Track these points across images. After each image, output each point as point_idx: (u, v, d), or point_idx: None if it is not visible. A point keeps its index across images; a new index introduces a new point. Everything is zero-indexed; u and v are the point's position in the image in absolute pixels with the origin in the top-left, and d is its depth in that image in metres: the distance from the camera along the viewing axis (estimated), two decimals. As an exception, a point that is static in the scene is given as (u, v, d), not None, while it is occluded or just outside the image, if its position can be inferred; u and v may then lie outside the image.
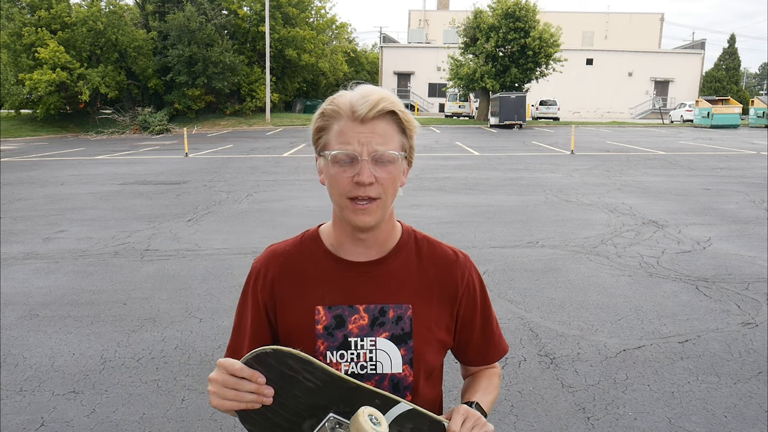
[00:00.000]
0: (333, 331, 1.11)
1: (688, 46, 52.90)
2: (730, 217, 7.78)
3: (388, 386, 1.13)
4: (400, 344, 1.13)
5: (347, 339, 1.11)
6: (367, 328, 1.12)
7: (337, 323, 1.11)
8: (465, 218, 7.75)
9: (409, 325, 1.13)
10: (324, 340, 1.11)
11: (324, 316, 1.11)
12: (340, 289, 1.12)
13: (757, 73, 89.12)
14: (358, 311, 1.12)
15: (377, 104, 1.03)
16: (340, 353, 1.11)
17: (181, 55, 31.32)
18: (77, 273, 5.43)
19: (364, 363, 1.12)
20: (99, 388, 3.24)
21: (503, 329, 4.01)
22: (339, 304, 1.12)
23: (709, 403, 3.03)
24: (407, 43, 52.23)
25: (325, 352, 1.11)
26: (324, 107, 1.08)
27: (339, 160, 1.04)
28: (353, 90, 1.08)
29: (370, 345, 1.12)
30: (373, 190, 1.04)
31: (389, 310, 1.13)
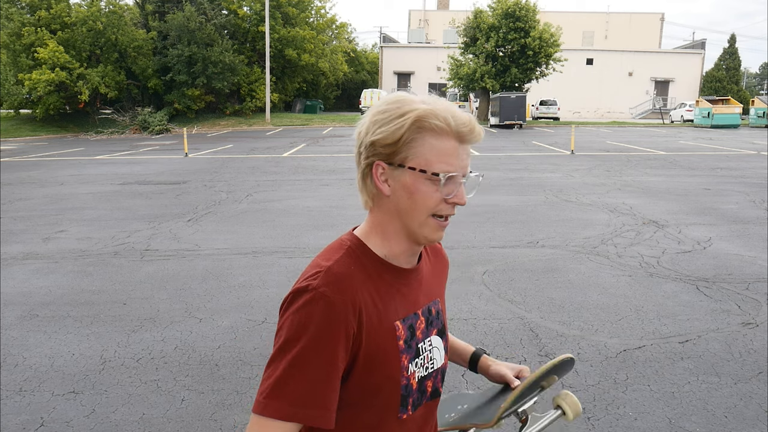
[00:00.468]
0: (410, 343, 1.11)
1: (688, 46, 52.89)
2: (731, 217, 7.78)
3: (440, 378, 1.19)
4: (442, 337, 1.20)
5: (417, 346, 1.12)
6: (425, 330, 1.15)
7: (411, 334, 1.11)
8: (465, 218, 7.75)
9: (443, 317, 1.22)
10: (406, 353, 1.09)
11: (402, 330, 1.09)
12: (404, 299, 1.12)
13: (757, 73, 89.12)
14: (419, 317, 1.14)
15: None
16: (416, 362, 1.11)
17: (180, 55, 31.32)
18: (77, 273, 5.43)
19: (427, 364, 1.14)
20: (99, 388, 3.24)
21: (503, 329, 4.03)
22: (408, 315, 1.11)
23: (709, 403, 3.03)
24: (407, 43, 52.22)
25: (408, 365, 1.09)
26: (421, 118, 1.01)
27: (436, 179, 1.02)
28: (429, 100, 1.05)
29: (428, 346, 1.15)
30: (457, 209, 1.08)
31: (432, 308, 1.18)
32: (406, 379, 1.09)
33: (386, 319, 1.06)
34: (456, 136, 1.02)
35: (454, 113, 1.03)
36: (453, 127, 1.01)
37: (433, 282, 1.21)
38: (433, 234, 1.07)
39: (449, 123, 1.01)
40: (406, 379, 1.09)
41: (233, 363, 3.53)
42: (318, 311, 0.98)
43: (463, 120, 1.02)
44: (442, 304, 1.23)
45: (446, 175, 1.02)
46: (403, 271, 1.12)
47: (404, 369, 1.08)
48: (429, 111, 1.02)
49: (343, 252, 1.07)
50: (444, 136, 1.02)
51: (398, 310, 1.09)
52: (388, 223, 1.08)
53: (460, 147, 1.03)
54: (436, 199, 1.03)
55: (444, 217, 1.07)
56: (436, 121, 1.01)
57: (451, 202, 1.04)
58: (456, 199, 1.04)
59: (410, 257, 1.14)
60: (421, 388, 1.13)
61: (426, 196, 1.03)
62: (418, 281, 1.15)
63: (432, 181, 1.02)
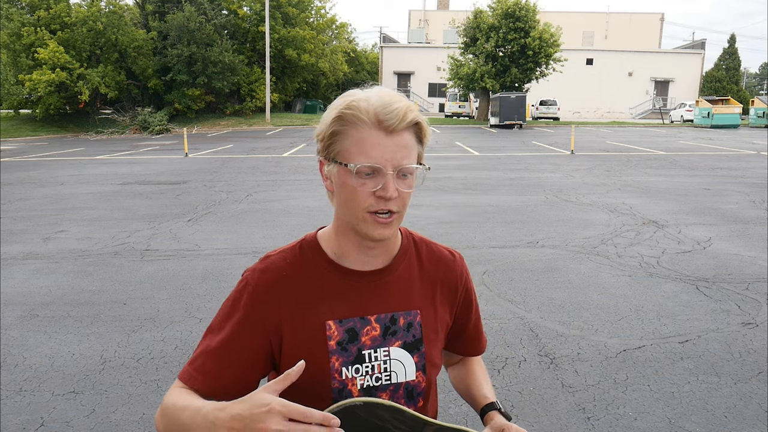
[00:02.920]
0: (347, 346, 1.07)
1: (688, 46, 52.90)
2: (731, 217, 7.78)
3: (403, 394, 1.12)
4: (412, 351, 1.12)
5: (361, 352, 1.08)
6: (379, 338, 1.09)
7: (350, 337, 1.07)
8: (465, 218, 7.75)
9: (419, 331, 1.13)
10: (338, 356, 1.06)
11: (336, 331, 1.06)
12: (349, 301, 1.08)
13: (757, 73, 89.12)
14: (369, 322, 1.09)
15: (406, 116, 0.99)
16: (355, 368, 1.07)
17: (180, 55, 31.32)
18: (77, 273, 5.43)
19: (378, 375, 1.09)
20: (99, 388, 3.24)
21: (503, 329, 4.03)
22: (350, 317, 1.07)
23: (709, 403, 3.03)
24: (407, 43, 52.24)
25: (341, 368, 1.06)
26: (341, 110, 1.01)
27: (362, 172, 0.99)
28: (368, 92, 1.03)
29: (383, 356, 1.09)
30: (394, 204, 1.01)
31: (399, 318, 1.11)
32: (339, 383, 1.05)
33: (316, 316, 1.05)
34: (378, 126, 0.98)
35: (382, 102, 0.99)
36: (374, 117, 0.98)
37: (412, 292, 1.14)
38: (372, 230, 1.02)
39: (369, 113, 0.98)
40: (340, 382, 1.05)
41: (233, 363, 3.53)
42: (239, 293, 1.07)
43: (389, 109, 0.98)
44: (424, 319, 1.14)
45: (356, 166, 0.98)
46: (352, 272, 1.09)
47: (335, 371, 1.05)
48: (353, 103, 1.00)
49: (291, 246, 1.13)
50: (364, 127, 0.99)
51: (335, 310, 1.06)
52: (338, 219, 1.10)
53: (387, 137, 0.98)
54: (364, 193, 1.00)
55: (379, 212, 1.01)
56: (356, 113, 0.99)
57: (378, 196, 0.99)
58: (381, 192, 0.99)
59: (365, 258, 1.09)
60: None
61: (353, 190, 1.00)
62: (377, 285, 1.10)
63: (357, 175, 0.99)
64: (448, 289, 1.20)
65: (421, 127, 1.03)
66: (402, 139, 1.00)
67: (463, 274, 1.24)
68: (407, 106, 1.00)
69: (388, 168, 0.98)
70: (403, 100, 1.01)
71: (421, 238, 1.23)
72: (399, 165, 0.99)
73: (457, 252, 1.26)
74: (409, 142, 1.01)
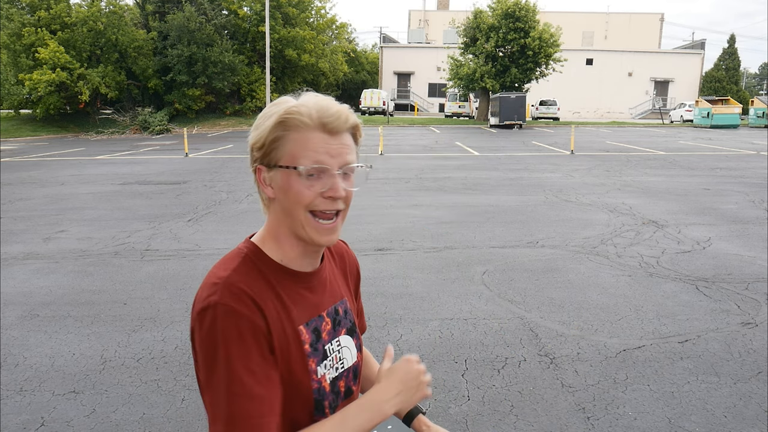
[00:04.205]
0: (316, 346, 1.10)
1: (688, 46, 52.90)
2: (730, 217, 7.78)
3: (352, 377, 1.18)
4: (352, 335, 1.21)
5: (324, 348, 1.12)
6: (332, 331, 1.15)
7: (316, 337, 1.11)
8: (465, 218, 7.75)
9: (352, 315, 1.23)
10: (313, 357, 1.09)
11: (306, 334, 1.09)
12: (307, 303, 1.11)
13: (756, 73, 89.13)
14: (324, 318, 1.13)
15: (348, 118, 1.03)
16: (324, 364, 1.11)
17: (181, 55, 31.31)
18: (77, 273, 5.44)
19: (336, 365, 1.14)
20: (99, 388, 3.24)
21: (503, 329, 4.03)
22: (312, 318, 1.11)
23: (708, 403, 3.04)
24: (407, 43, 52.22)
25: (316, 368, 1.09)
26: (282, 116, 1.01)
27: (309, 174, 1.01)
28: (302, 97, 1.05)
29: (337, 346, 1.15)
30: (340, 203, 1.05)
31: (339, 308, 1.18)
32: (317, 383, 1.08)
33: (290, 324, 1.06)
34: (321, 128, 1.01)
35: (321, 106, 1.02)
36: (316, 120, 1.01)
37: (338, 282, 1.21)
38: (317, 236, 1.04)
39: (312, 116, 1.01)
40: (317, 382, 1.08)
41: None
42: (225, 326, 0.96)
43: (329, 111, 1.01)
44: (350, 303, 1.23)
45: (305, 168, 1.00)
46: (303, 274, 1.11)
47: (313, 372, 1.08)
48: (292, 108, 1.02)
49: (240, 260, 1.06)
50: (307, 129, 1.01)
51: (301, 315, 1.08)
52: (279, 226, 1.09)
53: (330, 138, 1.01)
54: (310, 195, 1.01)
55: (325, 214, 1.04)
56: (298, 116, 1.01)
57: (326, 196, 1.02)
58: (330, 192, 1.01)
59: (309, 260, 1.12)
60: (334, 389, 1.13)
61: (299, 193, 1.01)
62: (321, 283, 1.15)
63: (303, 177, 1.01)
64: (352, 276, 1.30)
65: (358, 129, 1.08)
66: (345, 139, 1.04)
67: (356, 260, 1.34)
68: (346, 108, 1.05)
69: (335, 168, 1.02)
70: (338, 103, 1.05)
71: None
72: (345, 163, 1.03)
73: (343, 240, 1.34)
74: (350, 142, 1.06)
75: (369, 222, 7.50)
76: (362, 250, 6.08)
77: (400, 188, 10.38)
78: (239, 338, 0.96)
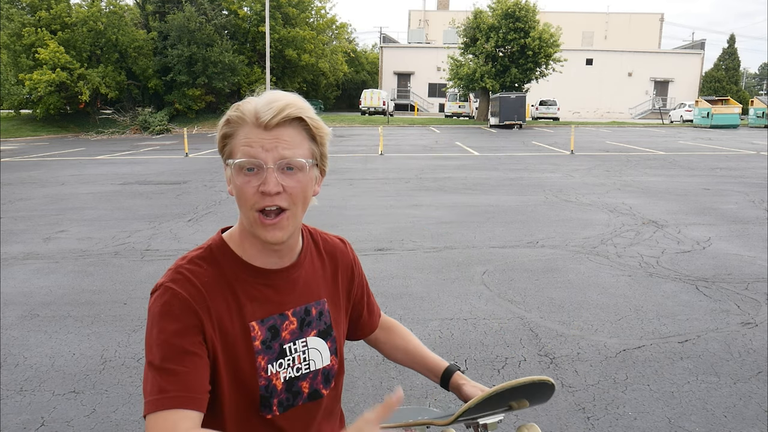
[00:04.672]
0: (270, 344, 1.10)
1: (687, 46, 52.91)
2: (730, 217, 7.78)
3: (321, 379, 1.18)
4: (326, 338, 1.18)
5: (282, 347, 1.11)
6: (297, 331, 1.14)
7: (273, 335, 1.10)
8: (465, 218, 7.76)
9: (329, 318, 1.20)
10: (264, 354, 1.09)
11: (259, 331, 1.08)
12: (267, 300, 1.10)
13: (756, 73, 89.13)
14: (287, 317, 1.12)
15: (282, 110, 1.00)
16: (279, 362, 1.11)
17: (181, 55, 31.32)
18: (77, 273, 5.44)
19: (299, 365, 1.14)
20: (99, 388, 3.25)
21: (503, 329, 4.03)
22: (270, 315, 1.10)
23: (708, 403, 3.04)
24: (407, 43, 52.23)
25: (266, 366, 1.09)
26: (229, 114, 1.04)
27: (243, 168, 1.00)
28: (260, 95, 1.05)
29: (302, 346, 1.14)
30: (281, 199, 1.01)
31: (312, 309, 1.17)
32: (265, 380, 1.08)
33: (239, 318, 1.07)
34: (256, 122, 1.00)
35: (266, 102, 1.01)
36: (253, 116, 1.00)
37: (318, 283, 1.19)
38: (263, 233, 1.03)
39: (250, 113, 1.01)
40: (266, 379, 1.08)
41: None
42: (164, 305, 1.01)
43: (268, 106, 1.00)
44: (331, 306, 1.20)
45: (234, 162, 1.01)
46: (265, 271, 1.11)
47: (261, 369, 1.08)
48: (239, 106, 1.03)
49: (201, 250, 1.11)
50: (245, 126, 1.01)
51: (256, 311, 1.08)
52: (240, 222, 1.10)
53: (265, 133, 1.00)
54: (249, 191, 1.01)
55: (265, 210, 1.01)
56: (240, 114, 1.02)
57: (260, 191, 1.00)
58: (262, 186, 1.00)
59: (271, 257, 1.11)
60: (291, 389, 1.12)
61: (241, 189, 1.01)
62: (289, 282, 1.13)
63: (241, 172, 1.01)
64: (345, 276, 1.26)
65: (309, 124, 1.03)
66: (283, 133, 1.01)
67: (355, 260, 1.30)
68: (288, 102, 1.01)
69: (268, 162, 0.99)
70: (288, 98, 1.03)
71: (315, 230, 1.26)
72: (280, 157, 1.00)
73: (345, 239, 1.32)
74: (294, 137, 1.02)
75: (369, 222, 7.50)
76: (362, 250, 6.08)
77: (400, 188, 10.38)
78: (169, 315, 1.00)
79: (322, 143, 1.07)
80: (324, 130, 1.07)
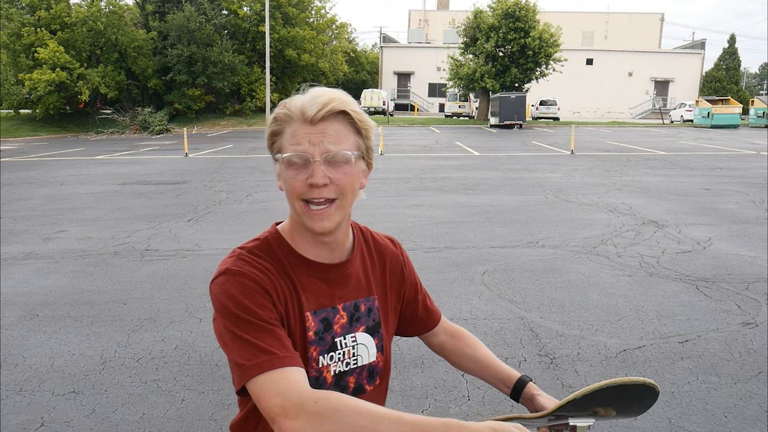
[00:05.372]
0: (323, 335, 1.12)
1: (688, 46, 52.91)
2: (730, 217, 7.78)
3: (366, 375, 1.19)
4: (374, 334, 1.20)
5: (334, 340, 1.14)
6: (347, 325, 1.16)
7: (325, 327, 1.13)
8: (465, 218, 7.75)
9: (378, 315, 1.22)
10: (316, 345, 1.11)
11: (312, 322, 1.11)
12: (320, 292, 1.13)
13: (757, 73, 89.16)
14: (338, 311, 1.15)
15: (327, 104, 1.03)
16: (330, 355, 1.13)
17: (180, 55, 31.31)
18: (77, 273, 5.43)
19: (348, 360, 1.16)
20: (99, 388, 3.24)
21: (503, 329, 4.03)
22: (323, 308, 1.13)
23: (709, 403, 3.03)
24: (407, 43, 52.22)
25: (318, 357, 1.11)
26: (277, 112, 1.08)
27: (292, 162, 1.05)
28: (305, 92, 1.08)
29: (351, 341, 1.16)
30: (329, 191, 1.05)
31: (361, 305, 1.19)
32: (316, 371, 1.10)
33: (297, 308, 1.10)
34: (303, 118, 1.04)
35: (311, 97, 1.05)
36: (299, 112, 1.04)
37: (368, 280, 1.21)
38: (310, 222, 1.07)
39: (296, 109, 1.05)
40: (317, 371, 1.11)
41: (233, 363, 3.53)
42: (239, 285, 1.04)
43: (313, 101, 1.04)
44: (380, 303, 1.23)
45: (283, 156, 1.05)
46: (318, 264, 1.14)
47: (313, 360, 1.10)
48: (286, 104, 1.08)
49: (258, 242, 1.14)
50: (293, 122, 1.06)
51: (310, 302, 1.11)
52: (290, 216, 1.14)
53: (311, 127, 1.04)
54: (297, 184, 1.05)
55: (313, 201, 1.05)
56: (287, 111, 1.06)
57: (308, 183, 1.04)
58: (309, 179, 1.04)
59: (322, 251, 1.14)
60: (339, 382, 1.14)
61: (289, 182, 1.06)
62: (342, 277, 1.16)
63: (290, 167, 1.05)
64: (395, 275, 1.28)
65: (353, 117, 1.06)
66: (329, 127, 1.04)
67: (405, 260, 1.32)
68: (332, 97, 1.04)
69: (315, 155, 1.03)
70: (332, 93, 1.06)
71: (366, 229, 1.29)
72: (326, 151, 1.03)
73: (395, 239, 1.34)
74: (340, 130, 1.05)
75: (369, 222, 7.48)
76: (362, 250, 6.07)
77: (400, 188, 10.38)
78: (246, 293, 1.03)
79: (367, 136, 1.10)
80: (368, 123, 1.10)
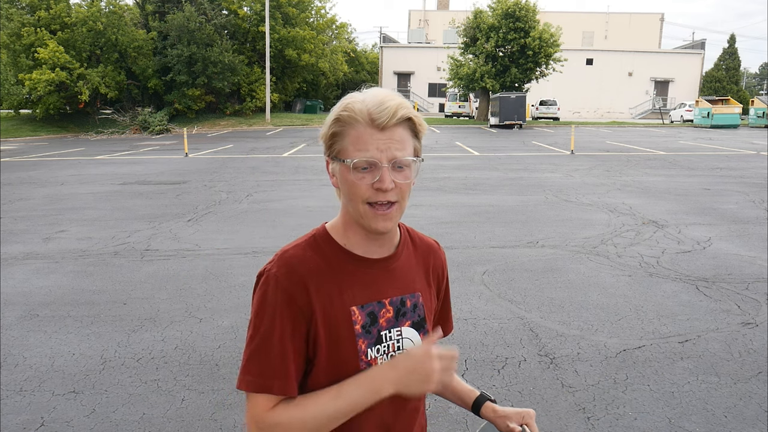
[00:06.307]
0: (369, 329, 1.16)
1: (688, 46, 52.89)
2: (730, 217, 7.78)
3: None
4: (419, 329, 1.24)
5: (380, 333, 1.17)
6: (393, 320, 1.19)
7: (371, 320, 1.16)
8: (465, 218, 7.75)
9: (423, 311, 1.25)
10: (364, 338, 1.15)
11: (359, 315, 1.15)
12: (366, 287, 1.17)
13: (757, 73, 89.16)
14: (384, 305, 1.18)
15: (396, 112, 1.06)
16: (377, 348, 1.17)
17: (180, 55, 31.32)
18: (77, 273, 5.43)
19: (393, 353, 1.19)
20: (99, 388, 3.24)
21: (503, 329, 4.03)
22: (369, 302, 1.17)
23: (709, 403, 3.03)
24: (407, 43, 52.21)
25: (366, 350, 1.15)
26: (339, 113, 1.10)
27: (359, 167, 1.07)
28: (365, 93, 1.11)
29: (396, 335, 1.19)
30: (393, 194, 1.09)
31: (407, 300, 1.22)
32: (365, 364, 1.14)
33: (342, 303, 1.14)
34: (371, 123, 1.07)
35: (377, 102, 1.07)
36: (367, 117, 1.06)
37: (413, 276, 1.25)
38: (374, 223, 1.11)
39: (363, 113, 1.07)
40: (366, 363, 1.14)
41: (233, 363, 3.54)
42: (270, 292, 1.10)
43: (381, 108, 1.06)
44: (424, 299, 1.26)
45: (352, 162, 1.07)
46: (365, 260, 1.17)
47: (362, 353, 1.14)
48: (349, 106, 1.09)
49: (306, 239, 1.18)
50: (358, 125, 1.08)
51: (356, 296, 1.15)
52: (345, 213, 1.17)
53: (380, 133, 1.07)
54: (363, 187, 1.08)
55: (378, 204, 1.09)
56: (352, 114, 1.08)
57: (376, 188, 1.07)
58: (378, 184, 1.07)
59: (372, 246, 1.18)
60: None
61: (353, 185, 1.09)
62: (389, 271, 1.20)
63: (356, 170, 1.08)
64: (435, 275, 1.31)
65: (415, 123, 1.11)
66: (395, 134, 1.08)
67: (445, 264, 1.36)
68: (399, 103, 1.08)
69: (383, 161, 1.07)
70: (396, 98, 1.09)
71: (411, 229, 1.33)
72: (393, 157, 1.07)
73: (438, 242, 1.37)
74: (404, 136, 1.09)
75: (369, 222, 7.49)
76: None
77: (400, 188, 10.37)
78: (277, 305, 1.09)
79: (421, 138, 1.15)
80: (425, 126, 1.14)
